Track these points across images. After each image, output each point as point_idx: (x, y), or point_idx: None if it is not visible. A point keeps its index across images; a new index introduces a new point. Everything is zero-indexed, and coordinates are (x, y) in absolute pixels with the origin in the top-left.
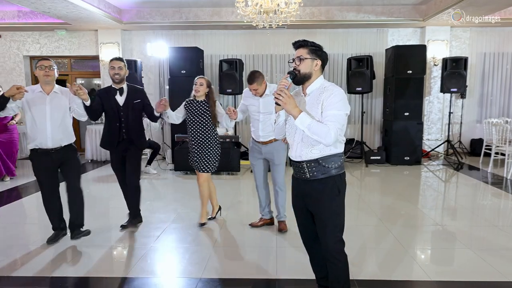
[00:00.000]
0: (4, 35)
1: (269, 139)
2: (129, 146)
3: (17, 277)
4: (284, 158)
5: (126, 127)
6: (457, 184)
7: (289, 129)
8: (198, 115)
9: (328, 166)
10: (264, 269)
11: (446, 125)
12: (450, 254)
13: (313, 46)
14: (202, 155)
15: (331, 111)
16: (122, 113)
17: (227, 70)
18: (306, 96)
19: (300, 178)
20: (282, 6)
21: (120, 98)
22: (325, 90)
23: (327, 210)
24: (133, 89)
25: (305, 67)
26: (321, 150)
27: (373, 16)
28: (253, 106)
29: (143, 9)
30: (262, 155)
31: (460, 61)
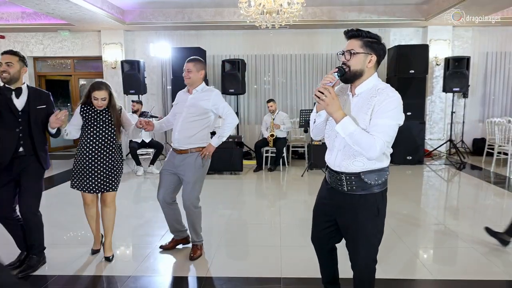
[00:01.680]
0: (8, 36)
1: (185, 148)
2: (28, 165)
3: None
4: (196, 176)
5: (26, 139)
6: (459, 184)
7: (329, 132)
8: (100, 125)
9: (370, 182)
10: (268, 267)
11: (448, 124)
12: (454, 253)
13: (369, 37)
14: (109, 171)
15: (382, 120)
16: (20, 120)
17: (230, 70)
18: (354, 96)
19: (335, 188)
20: (285, 6)
21: (18, 101)
22: (379, 92)
23: (361, 231)
24: (36, 92)
25: (357, 63)
26: (365, 163)
27: (375, 16)
28: (181, 103)
29: (146, 10)
30: (174, 167)
31: (463, 61)
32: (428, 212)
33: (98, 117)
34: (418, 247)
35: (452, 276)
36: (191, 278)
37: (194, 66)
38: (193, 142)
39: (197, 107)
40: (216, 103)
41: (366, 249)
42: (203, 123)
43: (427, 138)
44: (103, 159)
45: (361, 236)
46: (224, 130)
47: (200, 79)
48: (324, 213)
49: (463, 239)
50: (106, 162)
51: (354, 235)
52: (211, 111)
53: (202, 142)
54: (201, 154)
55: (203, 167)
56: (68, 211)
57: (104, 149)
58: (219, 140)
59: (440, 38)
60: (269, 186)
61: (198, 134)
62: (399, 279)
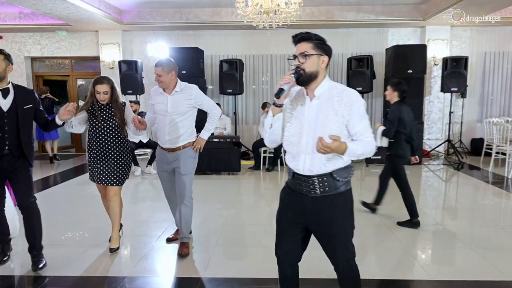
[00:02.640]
0: (5, 36)
1: (177, 146)
2: (16, 162)
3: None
4: (192, 167)
5: (12, 139)
6: (458, 184)
7: (290, 138)
8: (105, 119)
9: (341, 179)
10: (266, 268)
11: (446, 124)
12: (452, 253)
13: (319, 39)
14: (112, 165)
15: (362, 122)
16: (6, 121)
17: (228, 70)
18: (313, 99)
19: (305, 194)
20: (282, 6)
21: (3, 102)
22: (339, 94)
23: (340, 230)
24: (22, 91)
25: (311, 65)
26: (335, 162)
27: (373, 15)
28: (161, 104)
29: (144, 10)
30: (169, 164)
31: (461, 61)
32: (426, 212)
33: (102, 112)
34: (416, 247)
35: (450, 276)
36: (188, 278)
37: (163, 70)
38: (183, 140)
39: (181, 107)
40: (199, 99)
41: (346, 248)
42: (189, 121)
43: (425, 138)
44: (108, 152)
45: (340, 236)
46: (211, 123)
47: (173, 79)
48: (292, 221)
49: (461, 240)
50: (111, 156)
51: (332, 236)
52: (194, 107)
53: (192, 137)
54: (193, 148)
55: (195, 159)
56: (64, 211)
57: (109, 143)
58: (208, 133)
59: (438, 38)
60: (267, 187)
61: (187, 132)
62: (397, 279)
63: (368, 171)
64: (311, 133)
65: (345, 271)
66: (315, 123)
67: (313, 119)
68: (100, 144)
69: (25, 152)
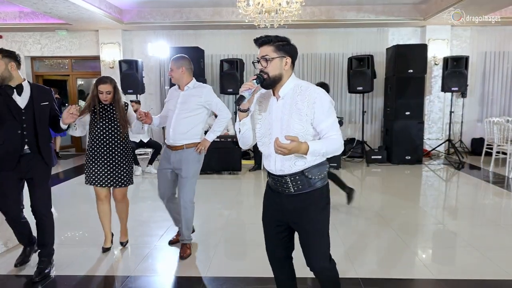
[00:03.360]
0: (5, 35)
1: (180, 144)
2: (35, 164)
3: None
4: (194, 171)
5: (31, 137)
6: (459, 183)
7: (262, 139)
8: (106, 120)
9: (314, 177)
10: (268, 267)
11: (447, 124)
12: (455, 252)
13: (280, 41)
14: (117, 167)
15: (328, 119)
16: (24, 118)
17: (228, 70)
18: (279, 99)
19: (281, 193)
20: (284, 5)
21: (19, 99)
22: (302, 92)
23: (315, 226)
24: (38, 89)
25: (274, 69)
26: (306, 161)
27: (373, 15)
28: (172, 100)
29: (144, 9)
30: (170, 164)
31: (461, 60)
32: (428, 211)
33: (104, 113)
34: (418, 246)
35: (454, 275)
36: (191, 278)
37: (174, 65)
38: (187, 138)
39: (189, 103)
40: (209, 99)
41: (321, 245)
42: (197, 119)
43: (425, 138)
44: (112, 153)
45: (314, 232)
46: (218, 125)
47: (182, 75)
48: (275, 220)
49: (464, 239)
50: (116, 157)
51: (308, 232)
52: (203, 107)
53: (196, 138)
54: (196, 150)
55: (199, 162)
56: (65, 211)
57: (113, 144)
58: (214, 135)
59: (438, 37)
60: None
61: (192, 130)
62: (401, 278)
63: (369, 171)
64: (278, 133)
65: (321, 268)
66: (281, 123)
67: (279, 119)
68: (104, 145)
69: (41, 151)
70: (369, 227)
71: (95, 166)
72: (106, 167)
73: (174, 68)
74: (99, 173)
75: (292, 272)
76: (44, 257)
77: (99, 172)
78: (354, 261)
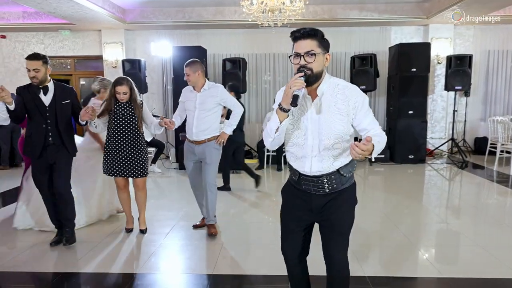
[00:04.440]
0: (9, 35)
1: (202, 139)
2: (58, 153)
3: (28, 272)
4: (216, 158)
5: (54, 131)
6: (463, 182)
7: (294, 139)
8: (124, 116)
9: (347, 175)
10: (274, 266)
11: (450, 123)
12: (460, 251)
13: (323, 36)
14: (136, 159)
15: (369, 116)
16: (48, 114)
17: (231, 69)
18: (316, 98)
19: (312, 193)
20: (287, 4)
21: (45, 98)
22: (342, 91)
23: (344, 224)
24: (61, 88)
25: (318, 65)
26: (342, 160)
27: (376, 14)
28: (190, 101)
29: (147, 9)
30: (195, 156)
31: (465, 59)
32: (431, 210)
33: (122, 111)
34: (424, 245)
35: (460, 274)
36: (197, 275)
37: (190, 70)
38: (208, 133)
39: (207, 103)
40: (224, 97)
41: (345, 242)
42: (214, 117)
43: (428, 137)
44: (131, 147)
45: (341, 230)
46: (234, 119)
47: (199, 78)
48: (299, 219)
49: (469, 238)
50: (134, 151)
51: (334, 230)
52: (219, 105)
53: (216, 132)
54: (217, 142)
55: (219, 151)
56: None
57: (129, 139)
58: (231, 129)
59: (441, 36)
60: (270, 185)
61: (212, 126)
62: (407, 277)
63: (371, 170)
64: (316, 134)
65: (342, 268)
66: (319, 123)
67: (316, 120)
68: (123, 140)
69: (64, 141)
70: (374, 226)
71: (113, 158)
72: (127, 160)
73: (191, 73)
74: (119, 165)
75: (306, 271)
76: (68, 228)
77: (118, 164)
78: (360, 260)
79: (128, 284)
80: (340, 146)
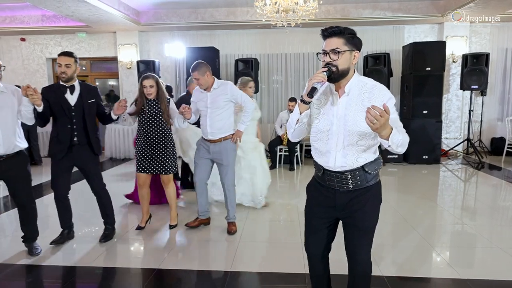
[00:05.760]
0: (28, 38)
1: (218, 137)
2: (84, 152)
3: (50, 266)
4: (233, 159)
5: (80, 130)
6: (479, 183)
7: (318, 134)
8: (153, 115)
9: (372, 172)
10: (291, 264)
11: (465, 123)
12: (479, 252)
13: (350, 33)
14: (163, 156)
15: (393, 115)
16: (74, 114)
17: (243, 69)
18: (343, 95)
19: (336, 189)
20: (301, 4)
21: (70, 97)
22: (369, 90)
23: (368, 222)
24: (87, 88)
25: (344, 62)
26: (367, 157)
27: (390, 12)
28: (202, 101)
29: (160, 11)
30: (209, 154)
31: (481, 57)
32: (448, 211)
33: (150, 109)
34: (441, 246)
35: (478, 275)
36: (216, 272)
37: (199, 74)
38: (223, 132)
39: (218, 101)
40: (234, 94)
41: (369, 241)
42: (227, 114)
43: (443, 137)
44: (156, 144)
45: (366, 228)
46: (246, 115)
47: (208, 79)
48: (323, 216)
49: (488, 239)
50: (159, 147)
51: (358, 228)
52: (230, 101)
53: (230, 130)
54: (232, 140)
55: (235, 151)
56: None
57: (156, 136)
58: (244, 125)
59: (456, 34)
60: (283, 185)
61: (226, 125)
62: (425, 277)
63: (385, 170)
64: (341, 130)
65: (364, 267)
66: (344, 119)
67: (342, 116)
68: (151, 137)
69: (91, 142)
70: (390, 227)
71: (141, 154)
72: (149, 156)
73: (200, 76)
74: (143, 161)
75: (328, 269)
76: (109, 225)
77: (143, 159)
78: (377, 260)
79: (148, 279)
80: (364, 143)
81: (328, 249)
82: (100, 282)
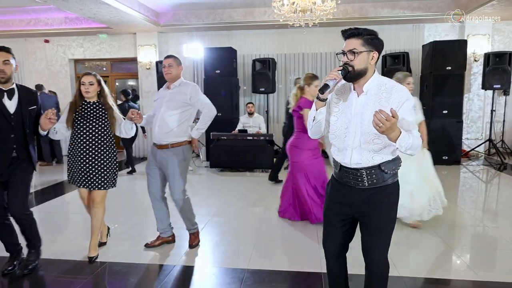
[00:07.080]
0: (51, 40)
1: (165, 143)
2: (20, 166)
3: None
4: (181, 170)
5: (20, 142)
6: (501, 185)
7: (336, 131)
8: (92, 119)
9: (389, 172)
10: (308, 263)
11: (487, 123)
12: (498, 255)
13: (368, 34)
14: (99, 167)
15: (409, 118)
16: (13, 123)
17: (260, 69)
18: (361, 94)
19: (352, 186)
20: (319, 3)
21: (9, 103)
22: (387, 90)
23: (385, 221)
24: (26, 92)
25: (360, 62)
26: (383, 156)
27: (409, 11)
28: (160, 98)
29: (179, 12)
30: (157, 162)
31: (504, 56)
32: (468, 213)
33: (88, 111)
34: (461, 247)
35: (498, 278)
36: (233, 269)
37: (175, 61)
38: (172, 136)
39: (175, 101)
40: (193, 96)
41: (386, 241)
42: (181, 117)
43: (464, 138)
44: (96, 154)
45: (383, 228)
46: (202, 122)
47: (179, 73)
48: (340, 214)
49: (508, 241)
50: (100, 158)
51: (375, 228)
52: (188, 105)
53: (182, 136)
54: (194, 149)
55: (185, 161)
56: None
57: (97, 144)
58: (198, 132)
59: (478, 33)
60: None
61: (176, 129)
62: (444, 279)
63: None
64: (358, 128)
65: (380, 267)
66: (361, 118)
67: (359, 115)
68: (88, 145)
69: (31, 154)
70: (408, 227)
71: (76, 166)
72: (86, 168)
73: (174, 64)
74: (80, 174)
75: (345, 268)
76: (32, 249)
77: (80, 172)
78: (396, 261)
79: (167, 276)
80: (380, 142)
81: (345, 248)
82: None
